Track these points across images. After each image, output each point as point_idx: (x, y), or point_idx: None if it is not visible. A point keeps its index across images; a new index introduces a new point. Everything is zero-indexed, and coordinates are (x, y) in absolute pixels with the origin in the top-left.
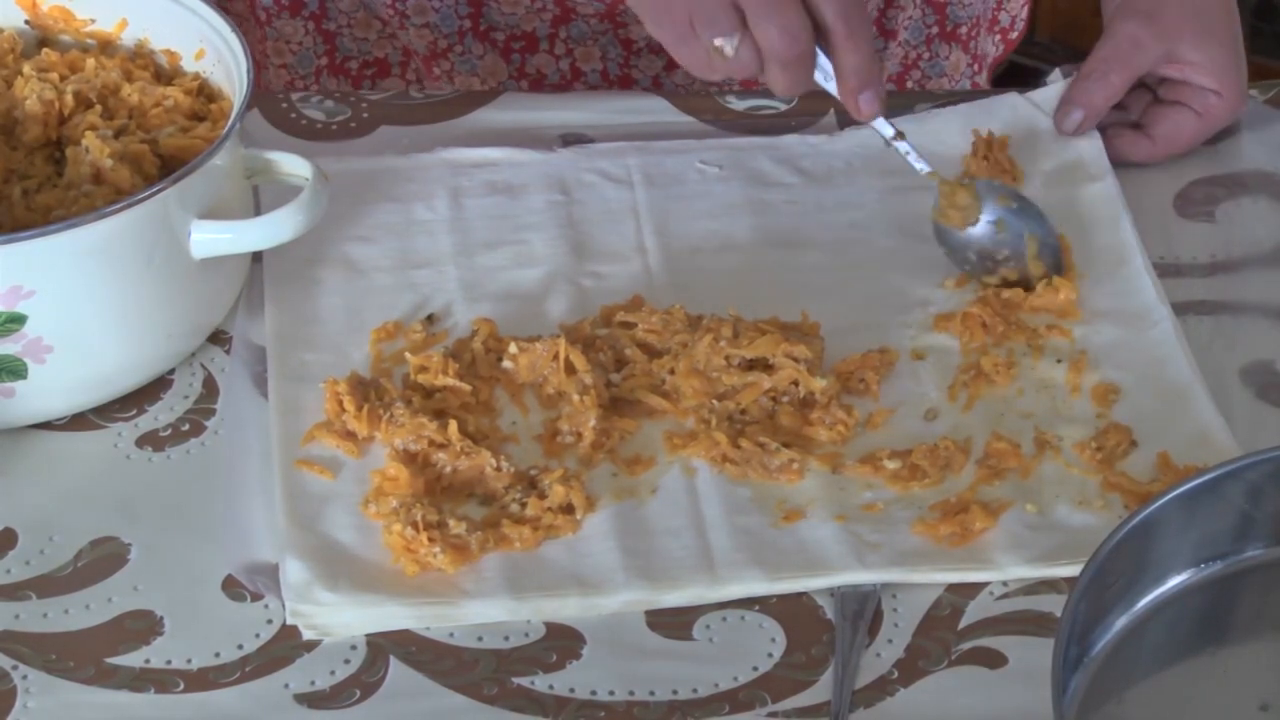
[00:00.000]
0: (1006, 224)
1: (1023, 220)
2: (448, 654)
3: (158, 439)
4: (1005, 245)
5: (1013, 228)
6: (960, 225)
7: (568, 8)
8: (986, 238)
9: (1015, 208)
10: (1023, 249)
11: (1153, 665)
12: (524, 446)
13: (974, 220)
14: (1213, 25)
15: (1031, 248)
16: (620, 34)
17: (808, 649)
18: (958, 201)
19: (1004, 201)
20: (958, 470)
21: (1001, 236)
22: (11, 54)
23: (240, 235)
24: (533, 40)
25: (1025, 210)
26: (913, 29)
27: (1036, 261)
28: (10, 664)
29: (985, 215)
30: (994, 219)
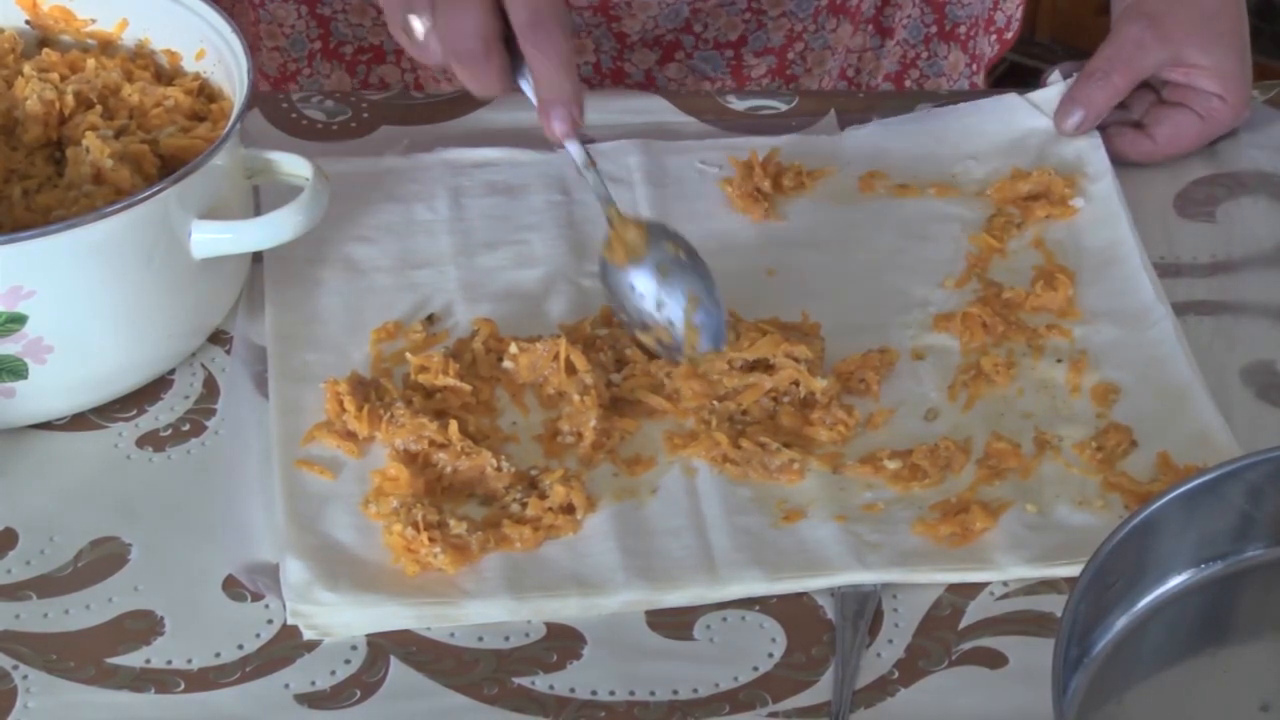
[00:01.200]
0: (669, 272)
1: (687, 274)
2: (448, 654)
3: (158, 439)
4: (665, 294)
5: (676, 279)
6: (622, 262)
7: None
8: (646, 280)
9: (684, 260)
10: (682, 303)
11: (1153, 665)
12: (524, 446)
13: (638, 258)
14: (1221, 31)
15: (691, 307)
16: (614, 27)
17: (808, 649)
18: (626, 236)
19: (673, 250)
20: (958, 470)
21: (664, 283)
22: (12, 54)
23: (240, 235)
24: None
25: (694, 266)
26: (911, 28)
27: (693, 328)
28: (10, 664)
29: (650, 257)
30: (658, 263)
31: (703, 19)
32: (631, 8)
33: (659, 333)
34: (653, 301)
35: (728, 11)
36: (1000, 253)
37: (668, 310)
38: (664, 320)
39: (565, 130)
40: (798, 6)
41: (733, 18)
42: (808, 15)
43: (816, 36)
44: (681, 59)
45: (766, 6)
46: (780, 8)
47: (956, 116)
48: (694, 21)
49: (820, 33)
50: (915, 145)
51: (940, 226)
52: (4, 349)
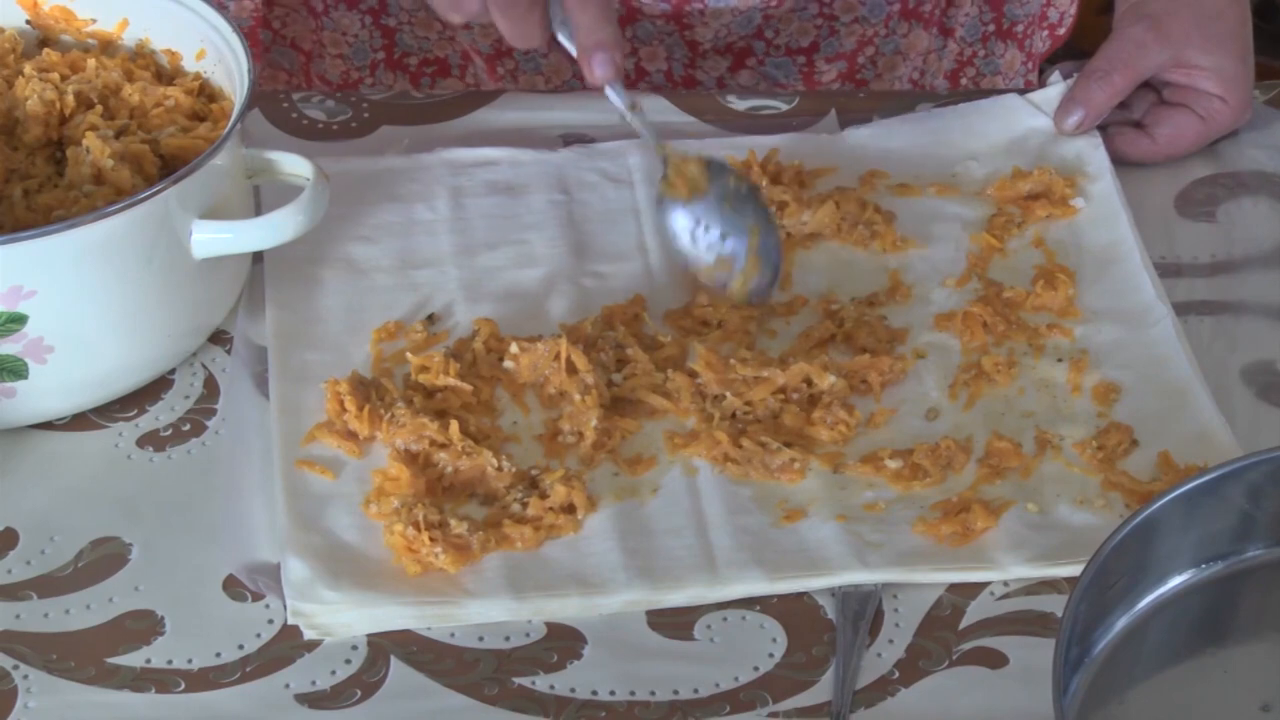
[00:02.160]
0: (732, 203)
1: (749, 205)
2: (448, 654)
3: (159, 439)
4: (728, 225)
5: (739, 210)
6: (685, 196)
7: (633, 8)
8: (710, 213)
9: (744, 192)
10: (745, 234)
11: (1154, 665)
12: (525, 446)
13: (701, 192)
14: (1223, 33)
15: (753, 240)
16: (686, 35)
17: (808, 649)
18: (686, 171)
19: (735, 183)
20: (959, 470)
21: (730, 215)
22: (12, 54)
23: (241, 235)
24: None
25: (754, 197)
26: (969, 27)
27: (755, 258)
28: (11, 664)
29: (713, 190)
30: (720, 196)
31: (774, 25)
32: (704, 16)
33: (721, 266)
34: (717, 233)
35: (799, 17)
36: (1001, 252)
37: (731, 242)
38: (728, 251)
39: (607, 74)
40: (870, 12)
41: (804, 23)
42: (879, 20)
43: (888, 41)
44: (753, 66)
45: (839, 12)
46: (852, 13)
47: (957, 116)
48: (765, 28)
49: (892, 37)
50: (915, 145)
51: (941, 226)
52: (4, 349)
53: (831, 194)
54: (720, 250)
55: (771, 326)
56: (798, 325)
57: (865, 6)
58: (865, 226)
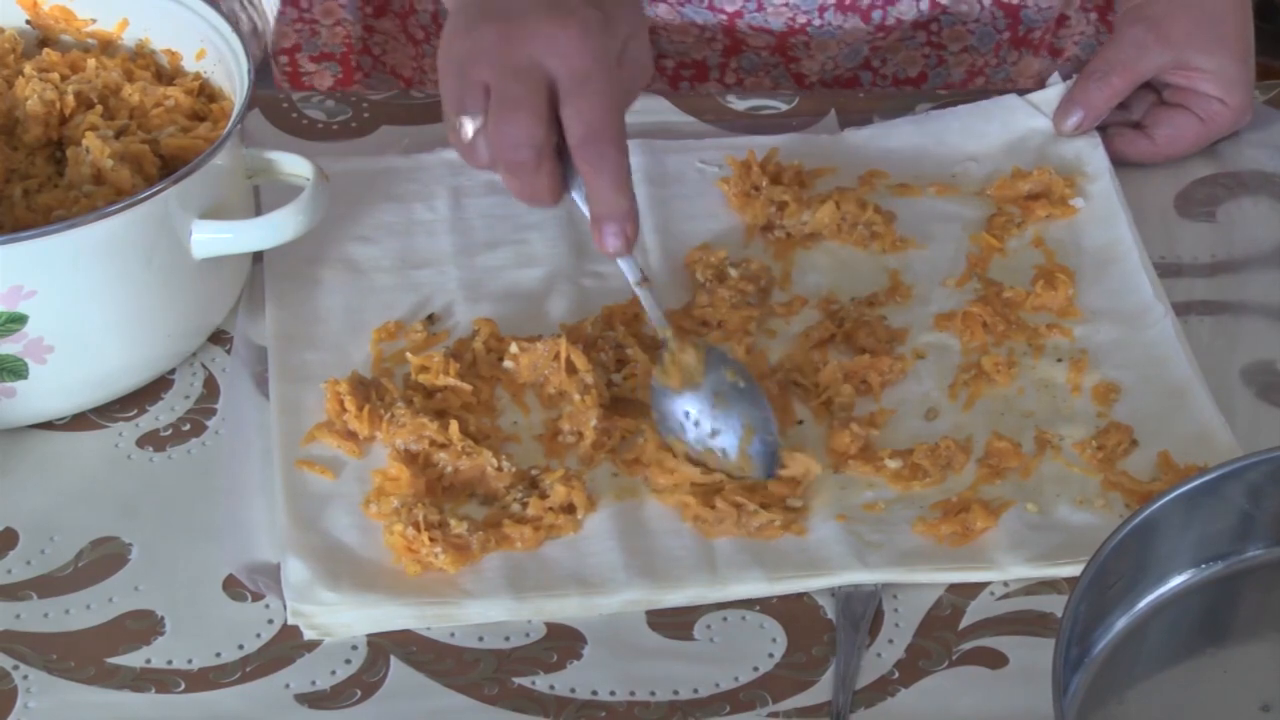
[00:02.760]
0: (727, 400)
1: (745, 403)
2: (448, 654)
3: (158, 439)
4: (720, 423)
5: (733, 407)
6: (678, 386)
7: (738, 39)
8: (702, 407)
9: (742, 387)
10: (738, 433)
11: (1153, 665)
12: (525, 446)
13: (695, 384)
14: (1224, 35)
15: (747, 436)
16: (791, 68)
17: (808, 649)
18: (683, 360)
19: (732, 377)
20: (958, 469)
21: (718, 411)
22: (12, 54)
23: (241, 235)
24: (703, 69)
25: (751, 394)
26: (1084, 45)
27: (746, 457)
28: (11, 664)
29: (708, 383)
30: (715, 390)
31: (881, 55)
32: (810, 48)
33: (708, 459)
34: (708, 428)
35: (906, 47)
36: (1000, 252)
37: (722, 439)
38: (718, 448)
39: (619, 247)
40: (979, 41)
41: (912, 53)
42: (989, 49)
43: (998, 70)
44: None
45: (947, 41)
46: (961, 43)
47: (956, 117)
48: (873, 58)
49: (1002, 66)
50: (915, 145)
51: (940, 226)
52: (4, 349)
53: (831, 194)
54: (709, 444)
55: (771, 327)
56: (798, 325)
57: (974, 36)
58: (865, 226)
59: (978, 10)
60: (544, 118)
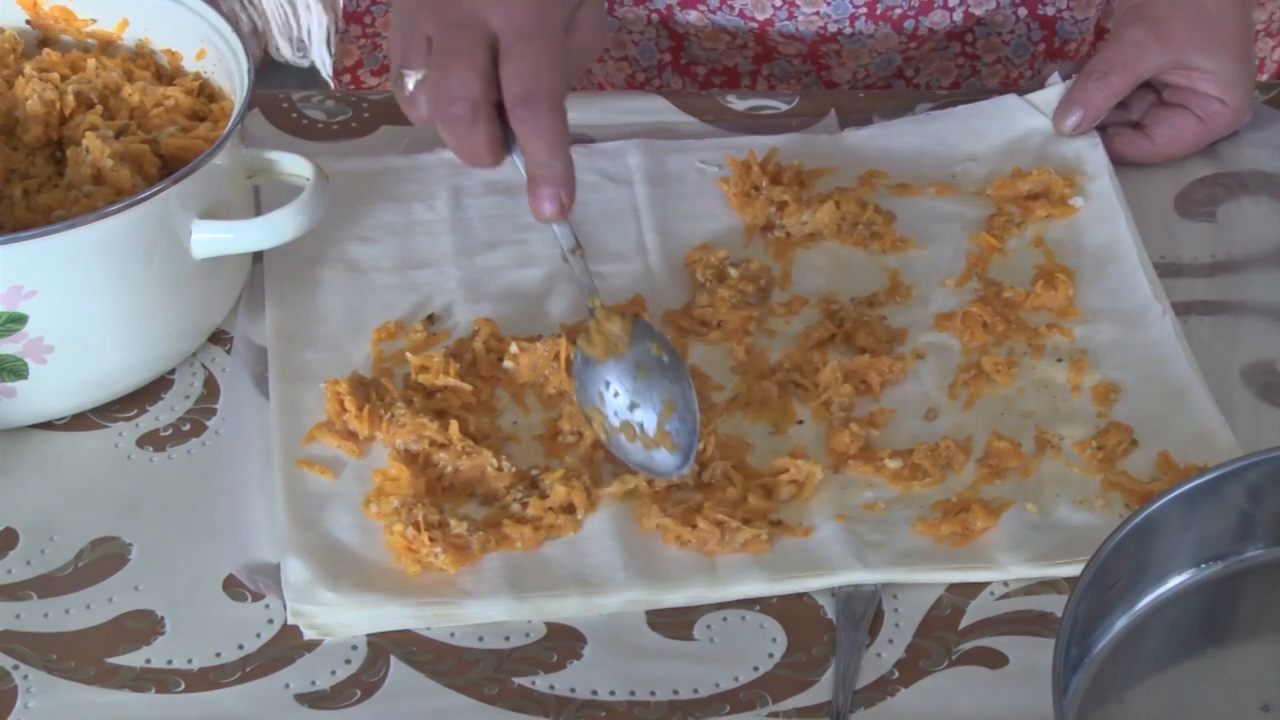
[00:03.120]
0: (649, 373)
1: (668, 379)
2: (448, 654)
3: (158, 439)
4: (640, 396)
5: (655, 382)
6: (601, 356)
7: (769, 46)
8: (622, 378)
9: (666, 362)
10: (658, 408)
11: (1153, 665)
12: (525, 446)
13: (618, 354)
14: (1224, 36)
15: (666, 413)
16: (824, 75)
17: (808, 649)
18: (608, 329)
19: (657, 350)
20: (958, 469)
21: (639, 385)
22: (12, 54)
23: (240, 235)
24: (734, 75)
25: (675, 370)
26: None
27: (664, 434)
28: (11, 664)
29: (631, 354)
30: (639, 363)
31: (915, 64)
32: (841, 56)
33: (626, 431)
34: (626, 401)
35: (941, 57)
36: (1000, 252)
37: (640, 413)
38: (635, 421)
39: (553, 212)
40: (1014, 53)
41: (946, 62)
42: (1024, 61)
43: (1033, 83)
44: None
45: (981, 52)
46: (996, 53)
47: (956, 117)
48: (905, 68)
49: (1037, 78)
50: (915, 145)
51: (940, 226)
52: (4, 349)
53: (831, 194)
54: (627, 417)
55: (771, 326)
56: (797, 325)
57: (1009, 47)
58: (865, 226)
59: (1012, 21)
60: (482, 72)
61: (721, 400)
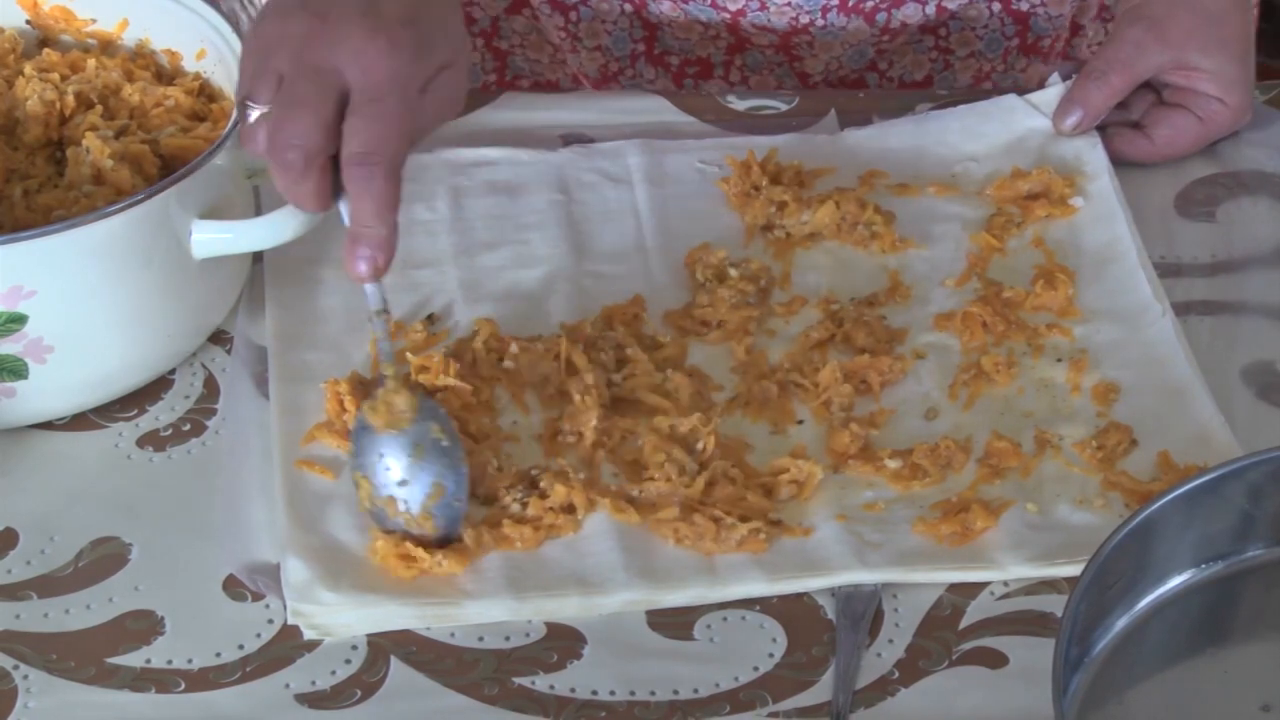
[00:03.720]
0: (426, 454)
1: (443, 462)
2: (448, 654)
3: (159, 439)
4: (410, 474)
5: (430, 465)
6: (380, 427)
7: (742, 37)
8: (398, 453)
9: (445, 445)
10: (426, 489)
11: (1154, 665)
12: (525, 446)
13: (398, 429)
14: (1223, 36)
15: (435, 495)
16: (796, 67)
17: (808, 649)
18: (394, 402)
19: (438, 434)
20: (958, 469)
21: (412, 463)
22: (12, 54)
23: (241, 235)
24: (707, 66)
25: (453, 455)
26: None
27: (427, 514)
28: (11, 664)
29: (412, 431)
30: (418, 441)
31: (888, 58)
32: (814, 48)
33: (388, 504)
34: (398, 475)
35: (914, 50)
36: (1000, 252)
37: (408, 490)
38: (400, 498)
39: (366, 273)
40: (987, 47)
41: (919, 56)
42: (997, 55)
43: (1005, 77)
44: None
45: (954, 46)
46: (969, 48)
47: (956, 117)
48: (879, 60)
49: (1010, 73)
50: (915, 145)
51: (940, 226)
52: (4, 349)
53: (831, 194)
54: (393, 492)
55: (771, 327)
56: (797, 325)
57: (983, 41)
58: (865, 226)
59: (986, 16)
60: (325, 124)
61: (721, 400)
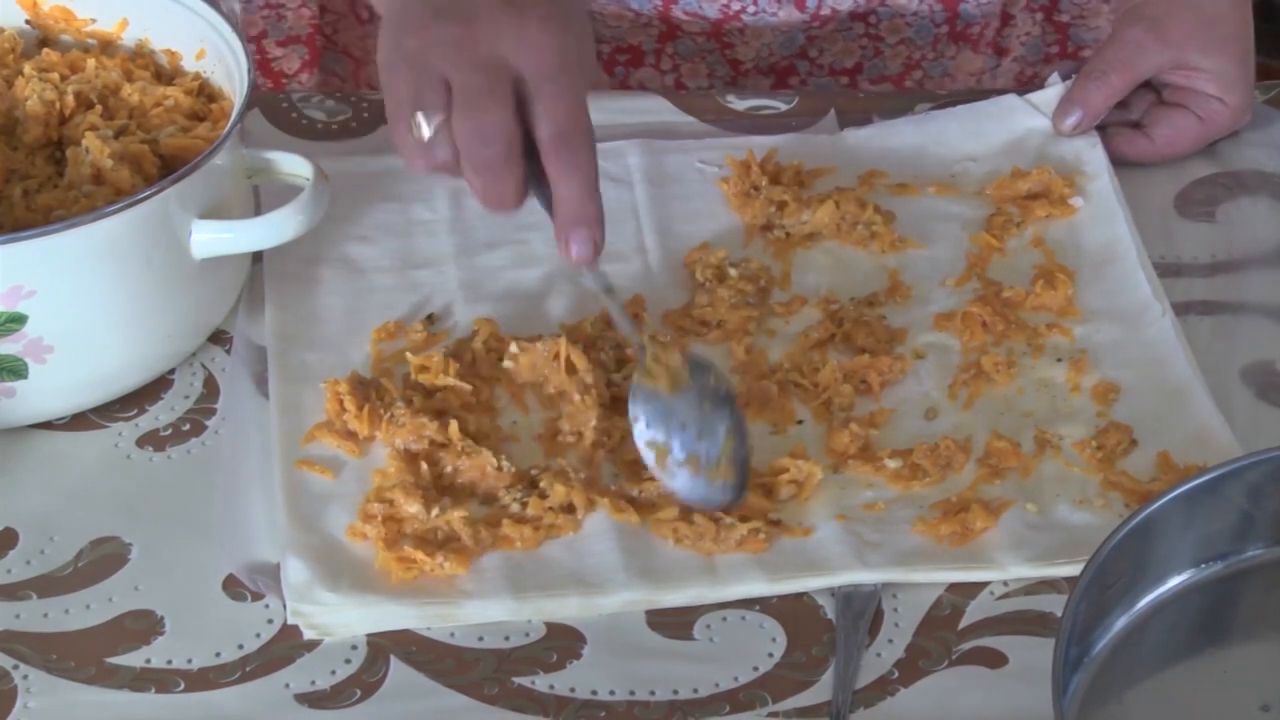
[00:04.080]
0: (713, 405)
1: (729, 409)
2: (448, 654)
3: (158, 439)
4: (705, 428)
5: (720, 414)
6: (667, 388)
7: (673, 24)
8: (688, 410)
9: (723, 393)
10: (719, 438)
11: (1153, 665)
12: (525, 446)
13: (682, 386)
14: (1223, 35)
15: (728, 446)
16: (727, 54)
17: (808, 649)
18: (667, 360)
19: (716, 382)
20: (958, 469)
21: (707, 415)
22: (12, 54)
23: (240, 235)
24: (638, 54)
25: (732, 403)
26: (1030, 46)
27: (730, 464)
28: (11, 664)
29: (694, 388)
30: (700, 394)
31: (818, 45)
32: (745, 34)
33: (691, 464)
34: (695, 432)
35: (844, 38)
36: (1000, 252)
37: (706, 444)
38: (702, 453)
39: (586, 255)
40: (917, 34)
41: (849, 44)
42: (927, 43)
43: (935, 64)
44: (795, 85)
45: (884, 33)
46: (899, 35)
47: (956, 117)
48: (809, 48)
49: (939, 60)
50: (915, 145)
51: (940, 226)
52: (4, 349)
53: (831, 194)
54: (694, 448)
55: (771, 326)
56: (797, 325)
57: (912, 29)
58: (865, 226)
59: (916, 4)
60: (514, 112)
61: None
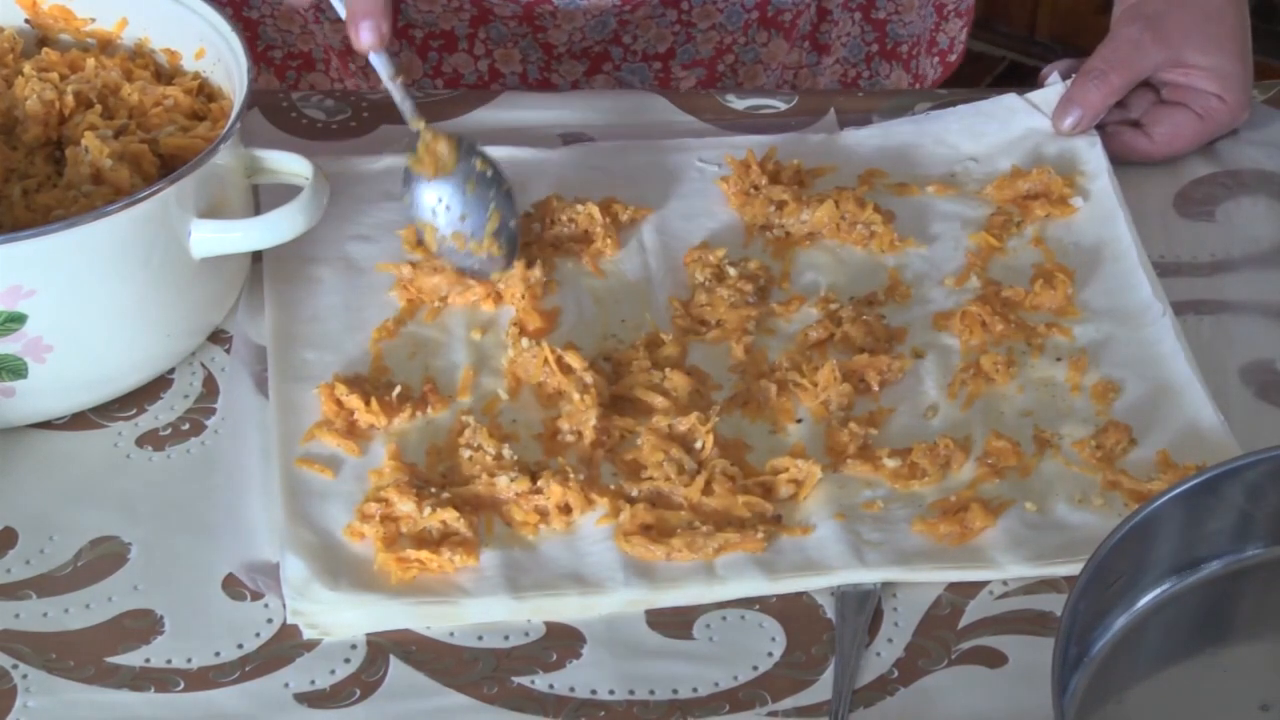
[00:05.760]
0: (478, 187)
1: (494, 191)
2: (448, 653)
3: (158, 438)
4: (472, 209)
5: (482, 195)
6: (431, 173)
7: (485, 8)
8: (454, 192)
9: (489, 175)
10: (484, 217)
11: (1153, 665)
12: (524, 445)
13: (447, 171)
14: (1221, 33)
15: (493, 222)
16: (540, 38)
17: (808, 648)
18: (435, 149)
19: (482, 166)
20: (957, 468)
21: (471, 197)
22: (11, 53)
23: (240, 235)
24: (451, 39)
25: (498, 183)
26: (851, 46)
27: (493, 240)
28: (10, 663)
29: (460, 170)
30: (468, 177)
31: (631, 30)
32: (557, 18)
33: (456, 239)
34: (457, 213)
35: (657, 23)
36: (1000, 251)
37: (470, 223)
38: (467, 231)
39: (372, 41)
40: (728, 19)
41: (662, 29)
42: (738, 28)
43: (747, 50)
44: (609, 70)
45: (696, 19)
46: (710, 20)
47: (956, 117)
48: (622, 33)
49: (751, 46)
50: (914, 145)
51: (940, 225)
52: (4, 348)
53: (830, 193)
54: (458, 228)
55: (770, 326)
56: (796, 324)
57: (723, 14)
58: (864, 226)
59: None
60: None
61: (720, 399)
